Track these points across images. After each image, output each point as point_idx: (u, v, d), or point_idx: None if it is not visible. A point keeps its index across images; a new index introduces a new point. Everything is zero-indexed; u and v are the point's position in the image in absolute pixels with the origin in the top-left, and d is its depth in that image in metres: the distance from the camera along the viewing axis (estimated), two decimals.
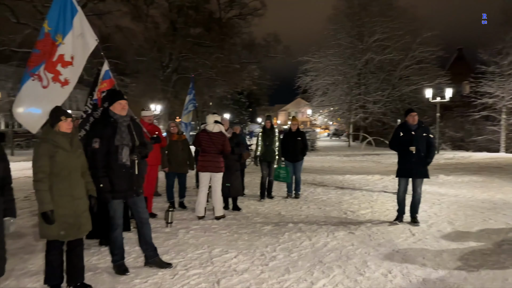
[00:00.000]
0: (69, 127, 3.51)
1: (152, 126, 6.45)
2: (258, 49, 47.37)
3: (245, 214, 6.84)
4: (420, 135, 5.95)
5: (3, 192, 3.10)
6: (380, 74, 32.39)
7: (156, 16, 32.98)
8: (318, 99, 37.30)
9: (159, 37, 31.71)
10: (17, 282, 3.89)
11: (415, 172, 5.97)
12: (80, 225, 3.58)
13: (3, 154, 3.10)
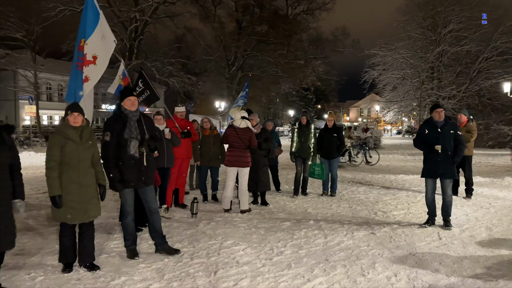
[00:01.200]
0: (75, 121, 3.86)
1: (184, 121, 6.76)
2: (325, 44, 46.69)
3: (271, 210, 6.89)
4: (447, 132, 5.51)
5: (13, 177, 3.52)
6: (456, 67, 30.13)
7: (223, 16, 33.99)
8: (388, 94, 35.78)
9: (225, 36, 32.65)
10: (40, 259, 4.38)
11: (441, 173, 5.56)
12: (87, 211, 3.93)
13: (12, 143, 3.52)
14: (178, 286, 3.74)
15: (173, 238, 5.22)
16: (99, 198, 4.09)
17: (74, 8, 27.66)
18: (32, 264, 4.23)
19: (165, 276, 3.96)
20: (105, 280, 3.82)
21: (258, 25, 35.86)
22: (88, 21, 5.63)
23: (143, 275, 3.98)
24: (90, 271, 4.00)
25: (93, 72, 5.92)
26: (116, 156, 4.30)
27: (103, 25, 5.65)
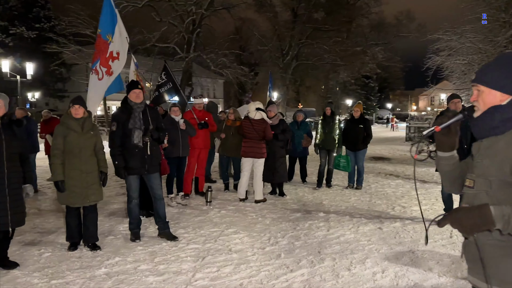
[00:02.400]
0: (76, 112, 4.22)
1: (202, 112, 6.99)
2: (387, 29, 44.60)
3: (286, 201, 6.92)
4: (465, 125, 5.12)
5: (23, 164, 3.95)
6: None
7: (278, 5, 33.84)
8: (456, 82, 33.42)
9: (279, 26, 32.55)
10: (55, 237, 4.87)
11: None
12: (87, 195, 4.30)
13: (21, 135, 3.96)
14: (163, 268, 3.98)
15: (180, 223, 5.50)
16: (100, 184, 4.45)
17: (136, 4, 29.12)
18: (45, 241, 4.73)
19: (155, 259, 4.22)
20: (101, 259, 4.17)
21: (315, 12, 35.17)
22: (109, 20, 6.03)
23: (137, 256, 4.28)
24: (92, 250, 4.38)
25: (117, 67, 6.35)
26: (121, 144, 4.62)
27: (119, 23, 6.02)
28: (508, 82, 1.61)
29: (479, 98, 1.68)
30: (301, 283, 3.70)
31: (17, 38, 32.05)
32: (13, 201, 3.81)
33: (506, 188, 1.54)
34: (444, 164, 1.86)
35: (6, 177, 3.71)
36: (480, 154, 1.68)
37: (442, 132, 1.75)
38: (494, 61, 1.69)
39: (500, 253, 1.56)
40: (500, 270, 1.57)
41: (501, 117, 1.60)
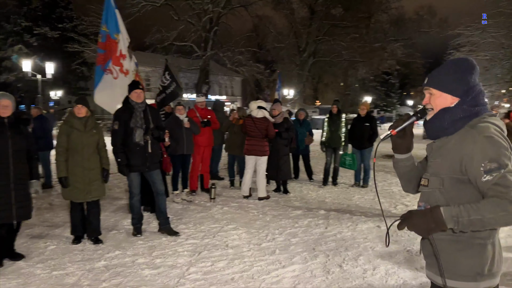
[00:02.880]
0: (79, 112, 4.42)
1: (204, 111, 7.13)
2: (408, 24, 43.80)
3: (290, 198, 6.99)
4: None
5: (29, 161, 4.17)
6: None
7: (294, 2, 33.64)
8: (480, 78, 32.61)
9: (296, 23, 32.41)
10: (61, 231, 5.10)
11: None
12: (89, 191, 4.49)
13: (27, 133, 4.17)
14: (159, 262, 4.13)
15: (183, 219, 5.65)
16: (102, 180, 4.64)
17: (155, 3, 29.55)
18: (52, 235, 4.96)
19: (154, 253, 4.38)
20: (102, 253, 4.36)
21: (332, 9, 34.81)
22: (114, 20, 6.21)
23: (136, 250, 4.45)
24: (94, 244, 4.58)
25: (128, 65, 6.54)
26: (123, 143, 4.79)
27: (120, 21, 6.20)
28: (456, 85, 1.70)
29: (431, 101, 1.76)
30: (291, 279, 3.78)
31: (41, 38, 33.00)
32: (19, 195, 4.02)
33: (457, 185, 1.64)
34: (402, 165, 1.94)
35: (11, 172, 3.93)
36: (433, 154, 1.77)
37: (398, 135, 1.81)
38: (444, 66, 1.77)
39: (455, 247, 1.66)
40: (454, 264, 1.67)
41: (451, 118, 1.68)
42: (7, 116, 3.94)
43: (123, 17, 26.06)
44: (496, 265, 1.67)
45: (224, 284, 3.64)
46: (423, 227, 1.57)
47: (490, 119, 1.65)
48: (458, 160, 1.61)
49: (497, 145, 1.54)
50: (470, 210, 1.50)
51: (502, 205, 1.46)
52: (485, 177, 1.52)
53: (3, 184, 3.85)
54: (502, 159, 1.52)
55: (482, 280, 1.64)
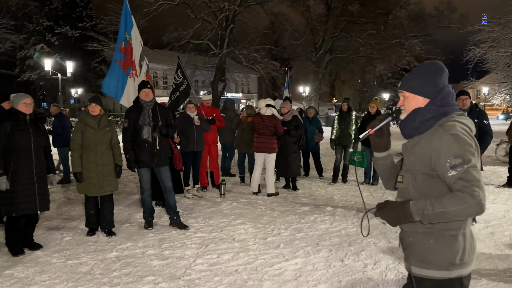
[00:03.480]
0: (92, 110, 4.65)
1: (210, 109, 7.31)
2: (427, 20, 43.10)
3: (298, 195, 7.11)
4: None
5: (46, 157, 4.43)
6: None
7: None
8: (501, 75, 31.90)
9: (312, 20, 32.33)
10: (77, 224, 5.37)
11: None
12: (102, 186, 4.72)
13: (44, 131, 4.42)
14: (168, 253, 4.33)
15: (192, 214, 5.85)
16: (115, 176, 4.86)
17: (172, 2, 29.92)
18: (68, 227, 5.23)
19: (163, 245, 4.58)
20: (114, 244, 4.59)
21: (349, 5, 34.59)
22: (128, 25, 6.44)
23: (147, 242, 4.67)
24: (107, 236, 4.82)
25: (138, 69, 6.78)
26: (132, 140, 5.01)
27: (135, 27, 6.41)
28: (426, 88, 1.83)
29: (404, 102, 1.89)
30: (293, 272, 3.92)
31: (62, 37, 33.86)
32: (40, 188, 4.29)
33: (428, 180, 1.78)
34: (381, 163, 2.06)
35: (33, 167, 4.19)
36: (406, 152, 1.89)
37: (376, 134, 1.95)
38: (416, 70, 1.90)
39: (428, 239, 1.79)
40: (428, 255, 1.78)
41: (421, 118, 1.81)
42: (29, 113, 4.20)
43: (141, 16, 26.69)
44: (468, 255, 1.78)
45: (228, 275, 3.80)
46: (394, 217, 1.74)
47: (458, 118, 1.77)
48: (428, 156, 1.74)
49: (462, 142, 1.67)
50: (434, 203, 1.63)
51: (464, 198, 1.60)
52: (451, 172, 1.65)
53: (28, 177, 4.13)
54: (466, 155, 1.64)
55: (454, 269, 1.75)
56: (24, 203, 4.15)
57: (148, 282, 3.63)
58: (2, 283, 3.59)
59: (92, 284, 3.58)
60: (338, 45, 33.58)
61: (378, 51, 33.94)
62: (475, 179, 1.61)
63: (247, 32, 31.32)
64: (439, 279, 1.76)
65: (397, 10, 39.61)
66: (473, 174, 1.62)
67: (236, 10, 29.76)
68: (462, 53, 33.48)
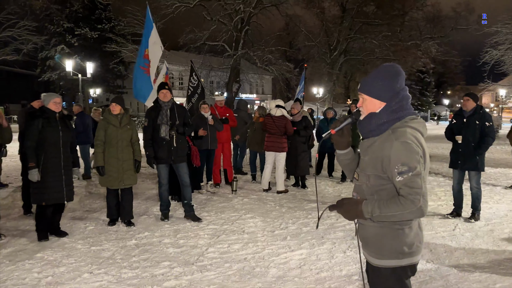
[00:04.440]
0: (113, 109, 5.03)
1: (223, 109, 7.65)
2: (444, 21, 42.74)
3: (307, 192, 7.39)
4: (473, 122, 5.33)
5: (72, 151, 4.83)
6: None
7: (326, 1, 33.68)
8: None
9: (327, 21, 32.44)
10: (99, 215, 5.77)
11: (462, 164, 5.44)
12: (122, 179, 5.10)
13: (71, 127, 4.82)
14: (183, 242, 4.68)
15: (206, 208, 6.20)
16: (134, 170, 5.24)
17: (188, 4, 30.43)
18: (90, 217, 5.63)
19: (178, 235, 4.94)
20: (133, 233, 4.96)
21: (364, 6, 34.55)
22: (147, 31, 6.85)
23: (163, 232, 5.03)
24: (127, 226, 5.19)
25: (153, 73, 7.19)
26: (152, 137, 5.38)
27: (154, 33, 6.79)
28: (383, 92, 1.93)
29: (363, 104, 2.01)
30: (297, 261, 4.22)
31: (82, 38, 34.75)
32: (67, 179, 4.69)
33: (379, 181, 1.93)
34: (343, 159, 2.21)
35: (61, 160, 4.59)
36: (363, 151, 2.03)
37: (337, 134, 2.08)
38: (374, 73, 1.99)
39: (380, 232, 1.97)
40: (381, 246, 1.98)
41: (376, 122, 1.94)
42: (58, 111, 4.60)
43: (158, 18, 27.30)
44: (415, 245, 1.96)
45: (238, 262, 4.13)
46: (349, 214, 1.97)
47: (411, 123, 1.91)
48: (380, 160, 1.88)
49: (410, 150, 1.81)
50: (381, 207, 1.84)
51: (406, 204, 1.80)
52: (398, 178, 1.82)
53: (56, 169, 4.53)
54: (412, 163, 1.79)
55: (404, 257, 1.94)
56: (53, 193, 4.55)
57: (165, 266, 3.97)
58: (34, 264, 3.98)
59: (113, 267, 3.95)
60: (353, 47, 33.59)
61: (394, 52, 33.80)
62: (418, 186, 1.79)
63: (262, 33, 31.63)
64: (393, 267, 1.95)
65: (414, 12, 39.38)
66: (417, 181, 1.79)
67: (251, 12, 30.10)
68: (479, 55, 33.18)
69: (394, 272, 1.97)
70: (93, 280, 3.65)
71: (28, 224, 5.25)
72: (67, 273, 3.79)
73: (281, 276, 3.81)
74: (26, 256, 4.18)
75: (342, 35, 32.35)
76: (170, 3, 30.51)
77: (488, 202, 6.64)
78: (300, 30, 33.13)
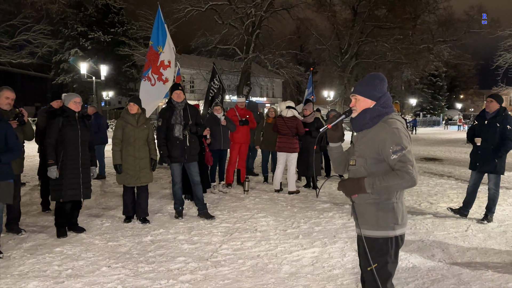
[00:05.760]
0: (131, 109, 5.17)
1: (243, 110, 7.74)
2: (456, 25, 42.46)
3: (319, 193, 7.43)
4: (493, 125, 5.32)
5: (90, 150, 4.96)
6: None
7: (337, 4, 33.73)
8: None
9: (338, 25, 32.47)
10: (115, 212, 5.90)
11: (480, 166, 5.45)
12: (139, 177, 5.22)
13: (89, 127, 4.95)
14: (197, 239, 4.78)
15: (218, 207, 6.29)
16: (150, 168, 5.36)
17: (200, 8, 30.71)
18: (107, 215, 5.76)
19: (192, 232, 5.03)
20: (149, 230, 5.08)
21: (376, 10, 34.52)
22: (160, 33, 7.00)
23: (177, 229, 5.13)
24: (142, 223, 5.31)
25: (169, 74, 7.34)
26: (165, 137, 5.50)
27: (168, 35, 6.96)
28: (374, 93, 2.38)
29: (356, 104, 2.42)
30: (310, 258, 4.28)
31: (95, 42, 35.25)
32: (84, 177, 4.82)
33: (376, 163, 2.33)
34: (335, 152, 2.59)
35: (79, 158, 4.72)
36: (358, 142, 2.43)
37: (332, 129, 2.47)
38: (365, 79, 2.45)
39: (376, 208, 2.33)
40: (377, 219, 2.33)
41: (370, 116, 2.36)
42: (78, 111, 4.74)
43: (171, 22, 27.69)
44: (405, 218, 2.37)
45: (251, 259, 4.20)
46: (350, 189, 2.34)
47: (396, 117, 2.35)
48: (376, 145, 2.29)
49: (401, 134, 2.25)
50: (381, 179, 2.22)
51: (402, 175, 2.19)
52: (393, 156, 2.22)
53: (74, 168, 4.66)
54: (403, 143, 2.23)
55: (397, 228, 2.33)
56: (71, 190, 4.68)
57: (180, 261, 4.07)
58: (54, 258, 4.11)
59: (130, 261, 4.05)
60: (364, 50, 33.57)
61: (406, 56, 33.72)
62: (409, 161, 2.20)
63: (273, 37, 31.78)
64: (388, 237, 2.32)
65: (426, 15, 39.27)
66: (408, 157, 2.22)
67: (262, 15, 30.28)
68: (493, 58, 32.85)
69: (389, 241, 2.33)
70: (111, 273, 3.76)
71: (46, 220, 5.40)
72: (86, 266, 3.91)
73: (294, 273, 3.88)
74: (46, 250, 4.31)
75: (353, 38, 32.35)
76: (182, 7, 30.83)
77: (502, 204, 6.61)
78: (311, 34, 33.25)
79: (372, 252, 2.32)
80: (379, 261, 2.32)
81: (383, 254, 2.32)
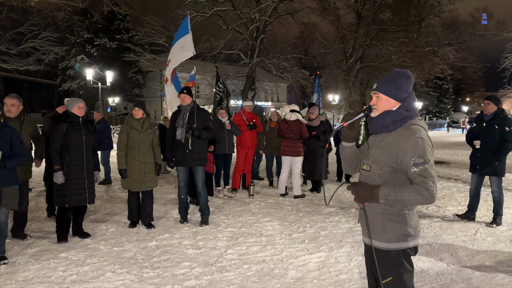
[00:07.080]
0: (135, 114, 5.16)
1: (251, 114, 7.72)
2: (462, 27, 42.27)
3: (324, 197, 7.37)
4: (491, 127, 5.27)
5: (94, 155, 4.96)
6: None
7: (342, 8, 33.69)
8: None
9: (343, 28, 32.43)
10: (120, 217, 5.89)
11: (481, 168, 5.38)
12: (144, 182, 5.21)
13: (94, 132, 4.95)
14: (202, 244, 4.74)
15: (223, 211, 6.26)
16: (155, 173, 5.34)
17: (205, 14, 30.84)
18: (112, 220, 5.75)
19: (197, 237, 5.00)
20: (154, 235, 5.05)
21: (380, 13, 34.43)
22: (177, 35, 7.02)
23: (182, 234, 5.10)
24: (147, 228, 5.29)
25: (168, 73, 7.35)
26: (172, 140, 5.49)
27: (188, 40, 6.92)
28: (399, 92, 2.12)
29: (378, 102, 2.16)
30: (316, 263, 4.22)
31: (101, 48, 35.54)
32: (89, 182, 4.81)
33: (392, 172, 2.11)
34: (347, 152, 2.35)
35: (84, 163, 4.72)
36: (375, 145, 2.19)
37: (348, 127, 2.22)
38: (390, 76, 2.17)
39: (387, 218, 2.14)
40: (387, 230, 2.14)
41: (392, 119, 2.10)
42: (82, 116, 4.74)
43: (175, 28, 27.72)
44: (418, 229, 2.17)
45: (256, 264, 4.16)
46: (362, 196, 2.12)
47: (420, 123, 2.11)
48: (395, 153, 2.05)
49: (425, 144, 2.02)
50: (397, 192, 2.01)
51: (420, 190, 1.98)
52: (413, 169, 2.00)
53: (79, 173, 4.65)
54: (427, 156, 2.00)
55: (411, 240, 2.13)
56: (76, 195, 4.68)
57: (185, 267, 4.04)
58: (59, 263, 4.10)
59: (135, 267, 4.03)
60: (369, 53, 33.46)
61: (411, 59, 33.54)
62: (431, 176, 1.99)
63: (277, 41, 31.80)
64: (402, 249, 2.12)
65: (430, 18, 39.12)
66: (430, 171, 2.00)
67: (266, 20, 30.33)
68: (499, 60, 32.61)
69: (403, 253, 2.13)
70: (116, 279, 3.73)
71: (52, 226, 5.38)
72: (91, 272, 3.89)
73: (300, 278, 3.83)
74: (51, 256, 4.30)
75: (358, 42, 32.27)
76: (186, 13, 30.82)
77: (511, 208, 6.51)
78: (315, 38, 33.22)
79: (384, 265, 2.14)
80: (393, 274, 2.13)
81: (396, 266, 2.13)
